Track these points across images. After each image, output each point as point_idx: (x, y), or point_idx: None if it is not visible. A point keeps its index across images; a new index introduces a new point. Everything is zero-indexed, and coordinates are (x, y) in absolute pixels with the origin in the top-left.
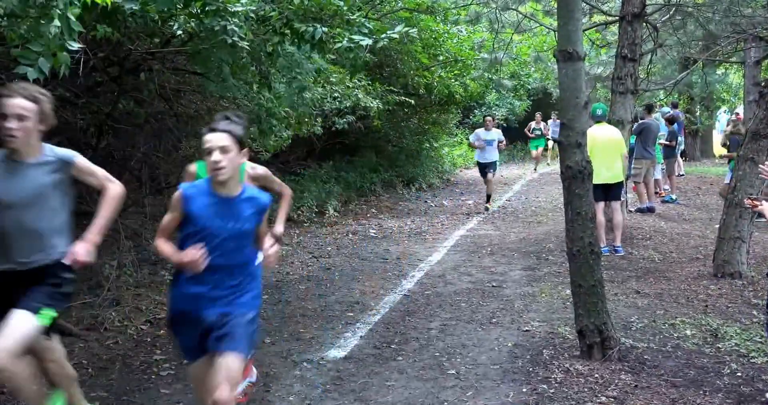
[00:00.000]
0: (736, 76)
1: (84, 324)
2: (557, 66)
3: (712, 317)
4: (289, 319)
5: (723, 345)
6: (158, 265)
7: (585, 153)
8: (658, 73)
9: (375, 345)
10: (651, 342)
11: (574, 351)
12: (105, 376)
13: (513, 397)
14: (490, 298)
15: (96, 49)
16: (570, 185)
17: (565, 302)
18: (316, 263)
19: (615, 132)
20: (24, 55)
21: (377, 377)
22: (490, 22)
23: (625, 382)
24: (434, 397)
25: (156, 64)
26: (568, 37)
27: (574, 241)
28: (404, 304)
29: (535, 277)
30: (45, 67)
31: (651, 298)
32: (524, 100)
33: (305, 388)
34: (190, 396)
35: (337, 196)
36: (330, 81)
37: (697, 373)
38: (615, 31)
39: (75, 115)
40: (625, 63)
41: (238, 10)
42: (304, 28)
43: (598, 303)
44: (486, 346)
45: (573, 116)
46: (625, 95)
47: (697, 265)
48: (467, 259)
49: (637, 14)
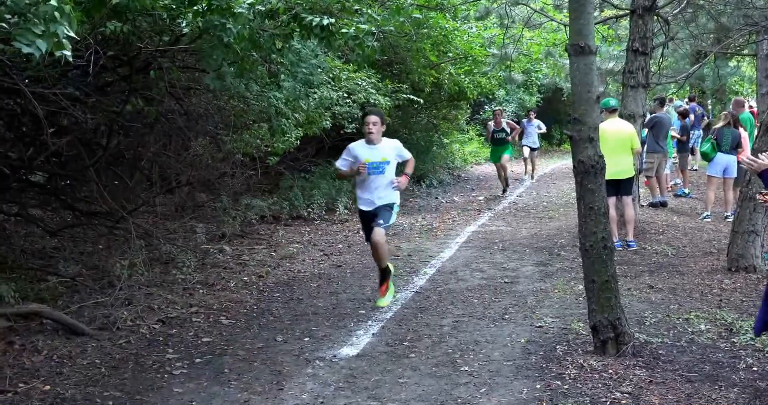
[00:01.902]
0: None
1: (96, 324)
2: (569, 60)
3: (726, 311)
4: (301, 317)
5: (738, 339)
6: (170, 264)
7: (597, 147)
8: (670, 67)
9: (387, 342)
10: (665, 337)
11: (587, 347)
12: (118, 375)
13: (527, 394)
14: (503, 294)
15: (105, 47)
16: (582, 180)
17: (578, 298)
18: (327, 261)
19: (626, 126)
20: (22, 34)
21: (390, 375)
22: (500, 18)
23: (640, 377)
24: (447, 394)
25: (166, 62)
26: (579, 30)
27: (587, 237)
28: (416, 301)
29: (548, 272)
30: (42, 47)
31: (665, 293)
32: (534, 94)
33: (318, 386)
34: (203, 395)
35: (347, 194)
36: (339, 78)
37: (712, 367)
38: (626, 26)
39: (85, 115)
40: (636, 57)
41: (243, 11)
42: (311, 18)
43: (611, 298)
44: (499, 342)
45: (585, 111)
46: (637, 89)
47: (711, 259)
48: (479, 255)
49: (649, 7)
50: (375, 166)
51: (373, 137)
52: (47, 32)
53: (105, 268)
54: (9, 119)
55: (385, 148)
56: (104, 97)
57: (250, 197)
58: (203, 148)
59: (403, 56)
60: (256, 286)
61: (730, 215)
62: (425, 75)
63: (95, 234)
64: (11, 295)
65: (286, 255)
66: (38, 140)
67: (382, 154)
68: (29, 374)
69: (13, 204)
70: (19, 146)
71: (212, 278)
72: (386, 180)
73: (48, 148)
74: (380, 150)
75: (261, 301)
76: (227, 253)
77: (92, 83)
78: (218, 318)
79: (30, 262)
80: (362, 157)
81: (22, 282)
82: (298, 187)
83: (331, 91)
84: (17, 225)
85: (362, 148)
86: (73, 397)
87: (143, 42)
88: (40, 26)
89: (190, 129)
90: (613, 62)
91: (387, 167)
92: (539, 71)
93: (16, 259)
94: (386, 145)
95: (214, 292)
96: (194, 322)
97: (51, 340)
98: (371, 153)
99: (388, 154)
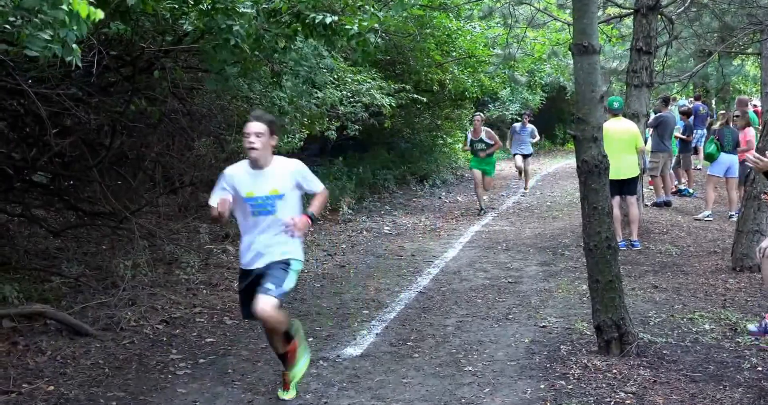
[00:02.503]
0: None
1: (100, 324)
2: (573, 60)
3: (731, 311)
4: (305, 317)
5: (743, 339)
6: (173, 265)
7: (601, 147)
8: (674, 66)
9: (391, 342)
10: (669, 337)
11: (591, 346)
12: (121, 375)
13: (531, 394)
14: (506, 294)
15: (109, 47)
16: (586, 180)
17: (582, 297)
18: (331, 261)
19: (630, 126)
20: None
21: (394, 375)
22: (504, 17)
23: (644, 377)
24: (451, 394)
25: (169, 62)
26: (583, 30)
27: (591, 236)
28: (420, 301)
29: (552, 272)
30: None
31: (669, 293)
32: (537, 93)
33: (322, 386)
34: (206, 395)
35: (350, 193)
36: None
37: (717, 367)
38: (630, 25)
39: (88, 115)
40: (640, 56)
41: (247, 11)
42: (313, 15)
43: (615, 298)
44: (503, 342)
45: (588, 110)
46: (641, 88)
47: (716, 258)
48: (482, 255)
49: (652, 6)
50: (260, 204)
51: (258, 156)
52: (56, 38)
53: (108, 269)
54: (12, 120)
55: (277, 175)
56: (107, 97)
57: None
58: (206, 148)
59: (407, 56)
60: None
61: (734, 214)
62: (431, 73)
63: (99, 234)
64: (15, 296)
65: None
66: (41, 141)
67: (273, 185)
68: (33, 375)
69: (17, 204)
70: (22, 147)
71: (216, 278)
72: (279, 223)
73: (51, 148)
74: (270, 177)
75: None
76: (230, 253)
77: (95, 83)
78: (222, 318)
79: (33, 263)
80: (242, 189)
81: (25, 282)
82: None
83: (335, 91)
84: (21, 225)
85: (243, 174)
86: (77, 397)
87: (146, 42)
88: (48, 31)
89: (193, 129)
90: (616, 61)
91: (279, 203)
92: (543, 70)
93: (20, 260)
94: (280, 170)
95: (218, 292)
96: (198, 323)
97: (54, 341)
98: (255, 182)
99: (282, 184)
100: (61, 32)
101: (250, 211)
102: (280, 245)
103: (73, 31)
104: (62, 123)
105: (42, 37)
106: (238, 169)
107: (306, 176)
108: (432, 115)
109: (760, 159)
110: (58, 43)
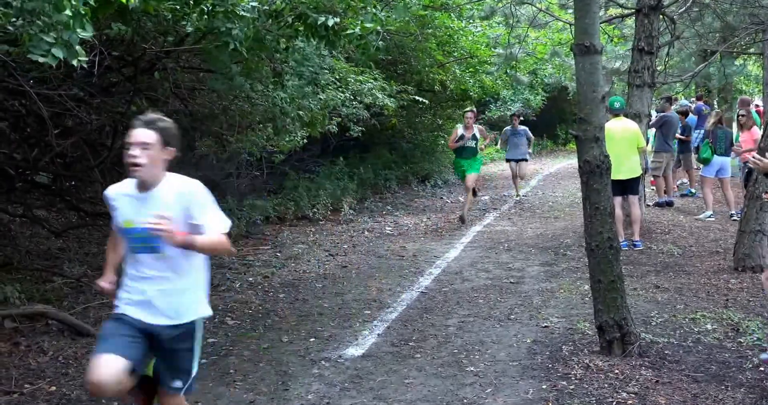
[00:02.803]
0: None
1: (101, 324)
2: (574, 60)
3: (733, 311)
4: (306, 317)
5: (745, 339)
6: None
7: (603, 147)
8: (676, 66)
9: (393, 343)
10: (671, 337)
11: (593, 347)
12: None
13: (532, 394)
14: (508, 295)
15: (110, 48)
16: (588, 180)
17: (584, 298)
18: (333, 261)
19: (631, 126)
20: (36, 45)
21: (395, 375)
22: (505, 17)
23: (646, 377)
24: (453, 395)
25: (170, 63)
26: (585, 30)
27: (593, 237)
28: (421, 301)
29: (553, 272)
30: (59, 54)
31: (671, 293)
32: (539, 93)
33: (323, 386)
34: (208, 395)
35: (352, 194)
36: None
37: (719, 367)
38: (632, 25)
39: (90, 116)
40: (642, 56)
41: (246, 15)
42: (315, 17)
43: (617, 298)
44: (504, 342)
45: (590, 110)
46: (642, 88)
47: (718, 258)
48: (484, 256)
49: (654, 6)
50: (139, 238)
51: (143, 175)
52: (59, 41)
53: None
54: (14, 120)
55: (164, 199)
56: (109, 97)
57: (255, 197)
58: (208, 148)
59: (409, 56)
60: (261, 286)
61: (734, 213)
62: (433, 73)
63: (100, 235)
64: (17, 296)
65: (291, 255)
66: (43, 141)
67: (161, 212)
68: (35, 375)
69: (19, 205)
70: (24, 147)
71: (217, 279)
72: (167, 266)
73: (53, 149)
74: (156, 202)
75: (266, 302)
76: (232, 254)
77: (97, 84)
78: (223, 319)
79: (35, 263)
80: (120, 216)
81: (27, 283)
82: (303, 188)
83: (338, 92)
84: (22, 226)
85: (124, 197)
86: (79, 398)
87: (148, 43)
88: (52, 34)
89: (194, 129)
90: (618, 61)
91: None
92: (545, 70)
93: (22, 260)
94: (168, 192)
95: (219, 292)
96: None
97: (56, 341)
98: (138, 209)
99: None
100: (65, 34)
101: (129, 247)
102: (173, 296)
103: (76, 34)
104: (64, 123)
105: (45, 39)
106: (123, 189)
107: (201, 203)
108: (434, 115)
109: (761, 160)
110: (61, 45)
